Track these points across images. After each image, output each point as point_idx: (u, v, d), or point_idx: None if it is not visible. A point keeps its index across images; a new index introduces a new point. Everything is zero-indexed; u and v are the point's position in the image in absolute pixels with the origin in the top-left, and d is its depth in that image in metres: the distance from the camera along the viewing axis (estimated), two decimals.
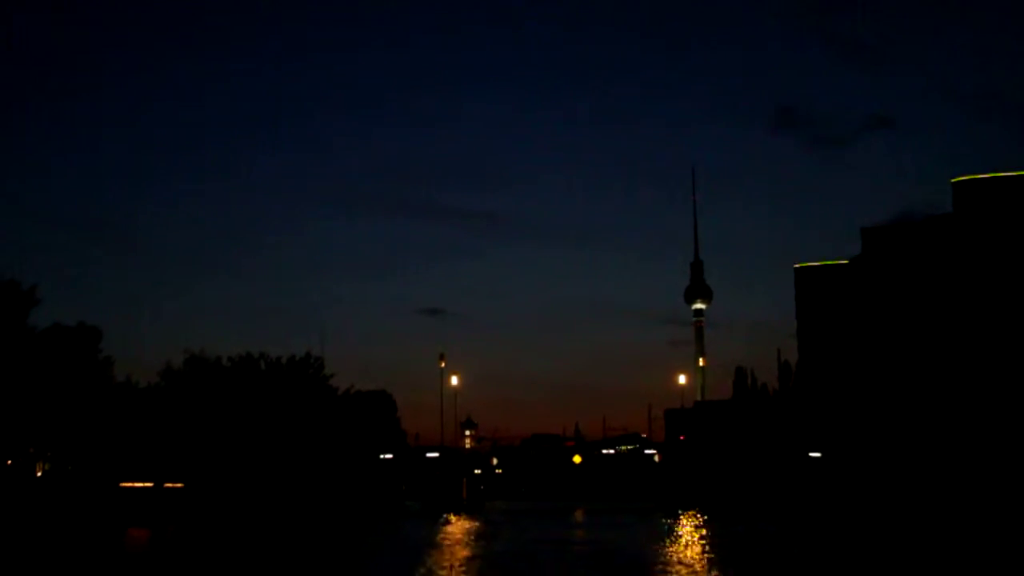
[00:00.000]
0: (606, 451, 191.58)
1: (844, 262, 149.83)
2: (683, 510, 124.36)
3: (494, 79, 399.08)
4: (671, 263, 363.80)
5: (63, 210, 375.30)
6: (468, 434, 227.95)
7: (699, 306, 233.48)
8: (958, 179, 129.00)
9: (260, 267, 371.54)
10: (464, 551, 70.75)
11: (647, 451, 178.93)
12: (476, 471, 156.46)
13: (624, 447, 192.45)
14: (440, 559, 64.36)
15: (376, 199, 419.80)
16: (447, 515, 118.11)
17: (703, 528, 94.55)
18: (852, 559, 65.32)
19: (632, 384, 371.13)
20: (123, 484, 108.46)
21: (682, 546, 73.79)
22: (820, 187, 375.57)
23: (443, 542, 78.56)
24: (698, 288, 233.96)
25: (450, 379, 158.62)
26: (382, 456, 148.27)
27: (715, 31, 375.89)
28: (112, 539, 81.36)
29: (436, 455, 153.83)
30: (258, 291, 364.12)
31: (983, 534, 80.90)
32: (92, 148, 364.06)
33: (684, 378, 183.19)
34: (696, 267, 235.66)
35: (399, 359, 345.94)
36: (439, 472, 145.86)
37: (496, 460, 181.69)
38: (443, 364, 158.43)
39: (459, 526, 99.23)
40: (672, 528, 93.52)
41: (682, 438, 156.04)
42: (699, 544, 75.96)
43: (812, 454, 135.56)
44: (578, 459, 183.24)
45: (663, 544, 74.22)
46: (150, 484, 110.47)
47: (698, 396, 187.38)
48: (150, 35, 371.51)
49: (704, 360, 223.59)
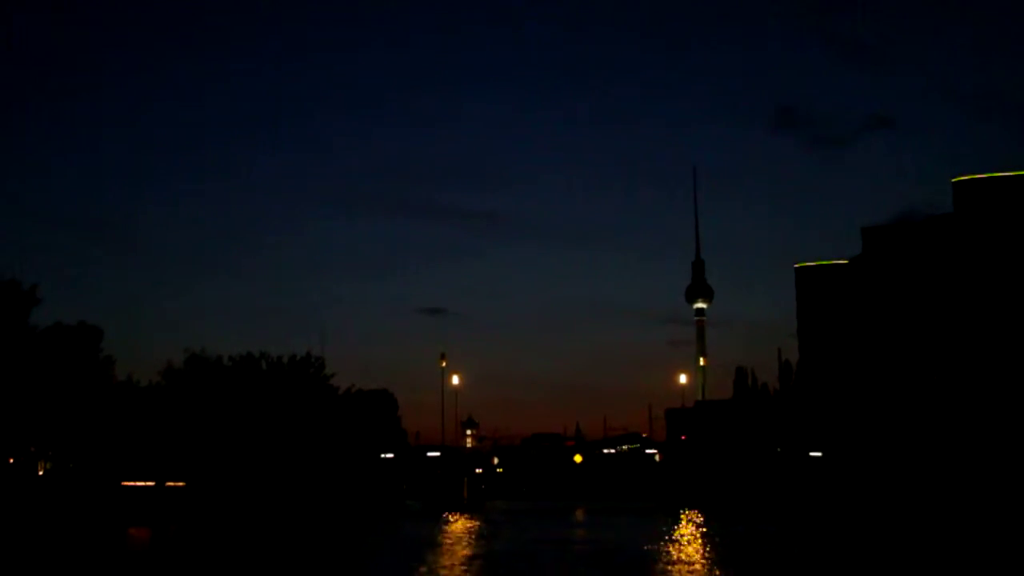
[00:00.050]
0: (607, 451, 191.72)
1: (844, 262, 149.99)
2: (684, 510, 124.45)
3: (494, 79, 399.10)
4: (672, 263, 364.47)
5: (64, 210, 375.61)
6: (469, 433, 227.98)
7: (700, 306, 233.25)
8: (958, 179, 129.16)
9: (261, 267, 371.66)
10: (465, 550, 70.86)
11: (648, 451, 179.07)
12: (477, 470, 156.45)
13: (625, 447, 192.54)
14: (441, 559, 64.49)
15: (376, 199, 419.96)
16: (448, 514, 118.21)
17: (704, 528, 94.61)
18: (852, 558, 65.44)
19: (633, 384, 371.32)
20: (124, 483, 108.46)
21: (683, 546, 73.89)
22: (820, 187, 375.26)
23: (444, 541, 78.68)
24: (699, 288, 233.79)
25: (451, 378, 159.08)
26: (383, 455, 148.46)
27: (715, 31, 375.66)
28: (113, 538, 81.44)
29: (437, 454, 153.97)
30: (259, 291, 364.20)
31: (983, 532, 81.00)
32: (92, 148, 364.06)
33: (685, 378, 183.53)
34: (697, 267, 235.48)
35: (400, 359, 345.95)
36: (440, 471, 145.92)
37: (497, 460, 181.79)
38: (444, 364, 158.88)
39: (460, 525, 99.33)
40: (673, 528, 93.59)
41: (683, 438, 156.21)
42: (700, 544, 76.03)
43: (812, 454, 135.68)
44: (579, 459, 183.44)
45: (664, 544, 74.30)
46: (151, 483, 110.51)
47: (699, 396, 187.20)
48: (150, 35, 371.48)
49: (705, 360, 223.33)
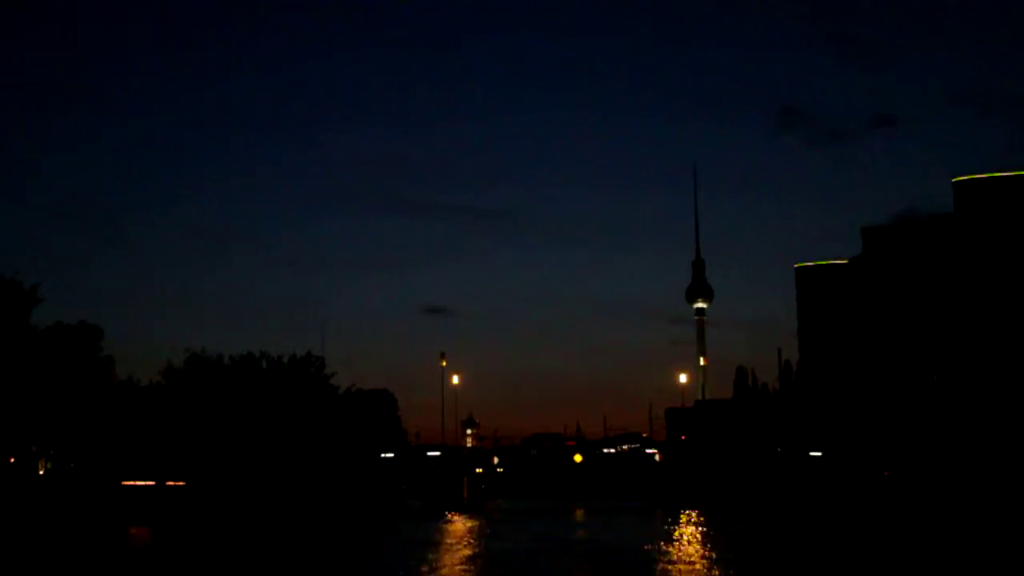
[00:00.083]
0: (607, 450, 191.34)
1: (844, 262, 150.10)
2: (684, 509, 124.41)
3: (494, 79, 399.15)
4: (672, 262, 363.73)
5: (64, 210, 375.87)
6: (469, 433, 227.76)
7: (700, 305, 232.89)
8: (959, 179, 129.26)
9: (261, 266, 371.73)
10: (465, 550, 70.93)
11: (648, 450, 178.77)
12: (477, 470, 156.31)
13: (625, 446, 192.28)
14: (441, 558, 64.54)
15: (377, 198, 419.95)
16: (448, 514, 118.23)
17: (703, 527, 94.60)
18: (851, 558, 65.47)
19: (633, 383, 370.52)
20: (125, 482, 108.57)
21: (683, 546, 73.91)
22: (822, 186, 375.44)
23: (444, 541, 78.72)
24: (699, 287, 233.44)
25: (451, 378, 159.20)
26: (383, 455, 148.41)
27: (717, 30, 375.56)
28: (114, 537, 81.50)
29: (437, 454, 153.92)
30: (259, 290, 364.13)
31: (983, 531, 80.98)
32: (93, 148, 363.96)
33: (685, 377, 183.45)
34: (697, 266, 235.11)
35: (400, 358, 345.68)
36: (440, 471, 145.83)
37: (497, 459, 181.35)
38: (444, 363, 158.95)
39: (460, 525, 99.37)
40: (673, 527, 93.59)
41: (683, 438, 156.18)
42: (700, 543, 76.05)
43: (812, 453, 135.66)
44: (579, 458, 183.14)
45: (664, 543, 74.33)
46: (152, 482, 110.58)
47: (699, 395, 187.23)
48: (150, 35, 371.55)
49: (705, 359, 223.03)
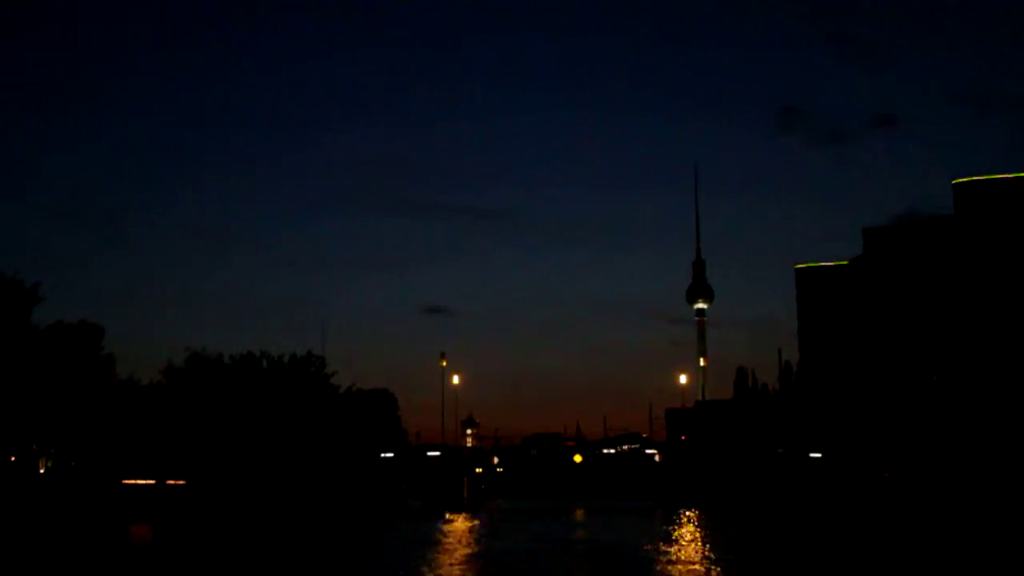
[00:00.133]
0: (607, 450, 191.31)
1: (844, 263, 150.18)
2: (684, 509, 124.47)
3: (494, 79, 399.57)
4: (672, 263, 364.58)
5: (65, 209, 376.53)
6: (469, 433, 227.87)
7: (701, 305, 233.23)
8: (959, 180, 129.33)
9: (261, 266, 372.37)
10: (465, 550, 71.01)
11: (648, 451, 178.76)
12: (477, 470, 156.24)
13: (625, 447, 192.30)
14: (441, 558, 64.63)
15: (377, 198, 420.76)
16: (448, 513, 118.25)
17: (703, 527, 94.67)
18: (851, 559, 65.57)
19: (633, 383, 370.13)
20: (125, 481, 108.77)
21: (683, 546, 73.99)
22: (823, 186, 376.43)
23: (444, 541, 78.80)
24: (700, 287, 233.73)
25: (451, 378, 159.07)
26: (383, 454, 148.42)
27: (718, 30, 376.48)
28: (114, 535, 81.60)
29: (437, 454, 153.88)
30: (260, 289, 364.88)
31: (983, 532, 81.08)
32: (94, 148, 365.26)
33: (685, 378, 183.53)
34: (698, 266, 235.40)
35: (401, 357, 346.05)
36: (440, 470, 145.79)
37: (497, 459, 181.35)
38: (444, 363, 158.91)
39: (460, 525, 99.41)
40: (672, 528, 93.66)
41: (683, 438, 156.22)
42: (699, 543, 76.13)
43: (812, 454, 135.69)
44: (579, 458, 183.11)
45: (663, 543, 74.41)
46: (152, 481, 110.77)
47: (699, 396, 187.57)
48: (150, 35, 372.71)
49: (705, 360, 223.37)
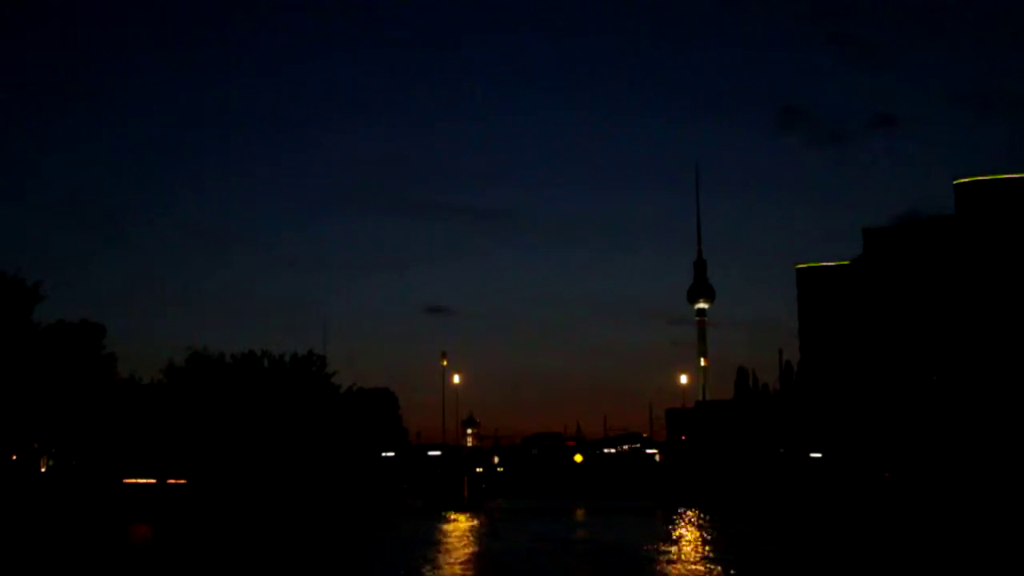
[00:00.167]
0: (607, 450, 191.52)
1: (845, 263, 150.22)
2: (684, 509, 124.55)
3: (494, 79, 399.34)
4: (673, 262, 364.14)
5: (66, 208, 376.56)
6: (470, 432, 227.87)
7: (701, 305, 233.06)
8: (960, 181, 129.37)
9: (262, 265, 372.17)
10: (465, 549, 71.10)
11: (648, 450, 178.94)
12: (477, 469, 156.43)
13: (625, 447, 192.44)
14: (441, 557, 64.71)
15: (378, 198, 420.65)
16: (448, 513, 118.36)
17: (703, 527, 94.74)
18: (851, 559, 65.63)
19: (633, 383, 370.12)
20: (126, 480, 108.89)
21: (682, 546, 74.05)
22: (823, 186, 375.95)
23: (444, 540, 78.89)
24: (700, 287, 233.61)
25: (452, 377, 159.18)
26: (384, 454, 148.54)
27: (718, 30, 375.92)
28: (115, 534, 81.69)
29: (438, 453, 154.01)
30: (260, 289, 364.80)
31: (983, 532, 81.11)
32: (95, 147, 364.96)
33: (686, 378, 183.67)
34: (699, 266, 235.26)
35: (402, 357, 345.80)
36: (441, 470, 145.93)
37: (497, 459, 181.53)
38: (445, 363, 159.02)
39: (460, 524, 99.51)
40: (672, 527, 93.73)
41: (684, 438, 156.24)
42: (699, 543, 76.19)
43: (813, 454, 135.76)
44: (579, 458, 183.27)
45: (663, 543, 74.47)
46: (153, 480, 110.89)
47: (699, 396, 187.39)
48: (150, 35, 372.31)
49: (706, 360, 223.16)
